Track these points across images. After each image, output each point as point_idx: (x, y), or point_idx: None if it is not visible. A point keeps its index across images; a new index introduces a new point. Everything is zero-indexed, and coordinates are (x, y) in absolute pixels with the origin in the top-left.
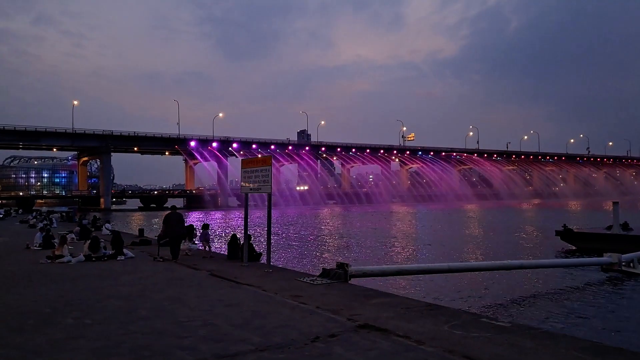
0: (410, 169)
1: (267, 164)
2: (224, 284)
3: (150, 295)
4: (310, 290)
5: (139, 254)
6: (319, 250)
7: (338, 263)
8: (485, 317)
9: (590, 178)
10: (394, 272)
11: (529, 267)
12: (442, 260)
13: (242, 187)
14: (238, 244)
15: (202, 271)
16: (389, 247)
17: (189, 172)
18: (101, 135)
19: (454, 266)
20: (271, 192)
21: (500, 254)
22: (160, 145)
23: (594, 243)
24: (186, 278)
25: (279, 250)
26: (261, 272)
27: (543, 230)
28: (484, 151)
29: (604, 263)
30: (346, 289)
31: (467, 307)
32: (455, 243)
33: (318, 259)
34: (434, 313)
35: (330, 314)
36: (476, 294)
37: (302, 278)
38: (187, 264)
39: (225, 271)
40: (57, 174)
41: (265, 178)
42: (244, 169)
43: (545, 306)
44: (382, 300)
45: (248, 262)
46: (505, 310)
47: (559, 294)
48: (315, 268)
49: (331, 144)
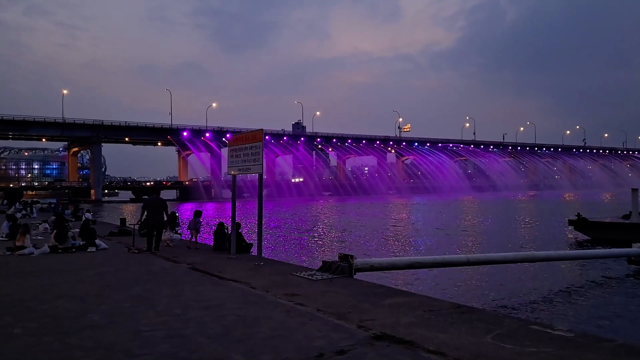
0: (406, 161)
1: (258, 140)
2: (205, 279)
3: (111, 294)
4: (309, 287)
5: (114, 245)
6: (316, 241)
7: (341, 255)
8: (536, 324)
9: (586, 169)
10: (406, 265)
11: (556, 258)
12: (452, 252)
13: (230, 167)
14: (225, 233)
15: (181, 264)
16: (392, 239)
17: (182, 163)
18: (91, 125)
19: (473, 258)
20: (262, 173)
21: (515, 246)
22: (152, 135)
23: (611, 233)
24: (161, 273)
25: (273, 242)
26: (251, 265)
27: (550, 221)
28: (481, 142)
29: (634, 254)
30: (352, 285)
31: (498, 306)
32: (462, 234)
33: (316, 251)
34: (467, 317)
35: (336, 320)
36: (501, 289)
37: (299, 272)
38: (167, 256)
39: (209, 264)
40: (47, 165)
41: (256, 157)
42: (231, 147)
43: (579, 303)
44: (397, 299)
45: (236, 253)
46: (540, 310)
47: (589, 289)
48: (314, 261)
49: (327, 135)
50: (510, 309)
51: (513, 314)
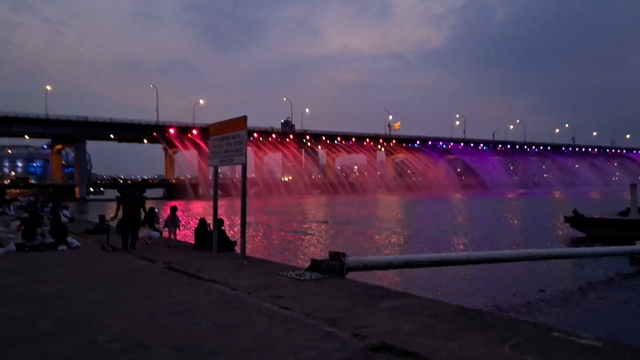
0: (396, 159)
1: (241, 128)
2: (182, 280)
3: (74, 297)
4: (296, 288)
5: (89, 243)
6: (305, 239)
7: (332, 252)
8: (558, 331)
9: (574, 168)
10: (402, 264)
11: (558, 256)
12: (449, 250)
13: (211, 158)
14: (207, 230)
15: (158, 263)
16: (385, 237)
17: (169, 161)
18: (75, 122)
19: (473, 256)
20: (246, 163)
21: (512, 244)
22: (138, 132)
23: (608, 230)
24: (133, 273)
25: (260, 240)
26: (233, 264)
27: (543, 218)
28: (470, 140)
29: (637, 252)
30: (344, 286)
31: (505, 308)
32: (456, 232)
33: (305, 250)
34: (476, 323)
35: (326, 326)
36: (504, 289)
37: (286, 272)
38: (143, 254)
39: (188, 263)
40: (31, 163)
41: (239, 146)
42: (213, 137)
43: (586, 305)
44: (395, 302)
45: (219, 252)
46: (549, 312)
47: (595, 289)
48: (302, 260)
49: (316, 133)
50: (517, 312)
51: (523, 317)
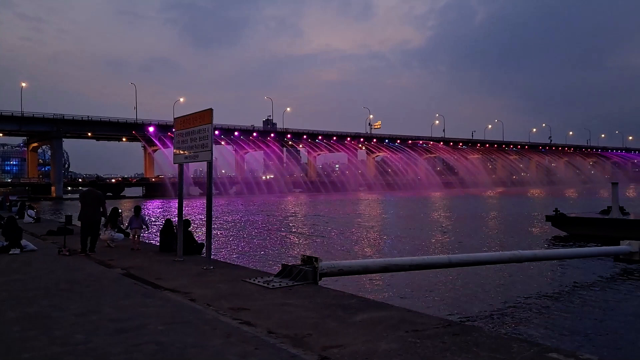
0: (377, 157)
1: (206, 121)
2: (136, 289)
3: (6, 311)
4: (263, 298)
5: (47, 246)
6: (281, 240)
7: (304, 257)
8: (555, 351)
9: (551, 166)
10: (380, 268)
11: (543, 258)
12: (430, 252)
13: (175, 155)
14: (173, 231)
15: (115, 269)
16: (363, 238)
17: (148, 160)
18: (52, 120)
19: (455, 259)
20: (212, 160)
21: (494, 244)
22: (116, 130)
23: (590, 228)
24: (84, 281)
25: (231, 242)
26: (198, 269)
27: (523, 217)
28: (450, 139)
29: (622, 252)
30: (316, 295)
31: (491, 319)
32: (437, 232)
33: (279, 252)
34: (462, 341)
35: (291, 347)
36: (488, 295)
37: (254, 279)
38: (102, 259)
39: (149, 269)
40: (7, 161)
41: (204, 141)
42: (178, 131)
43: (576, 311)
44: (372, 314)
45: (185, 255)
46: (539, 324)
47: (583, 293)
48: (274, 264)
49: (297, 131)
50: (505, 323)
51: (512, 330)
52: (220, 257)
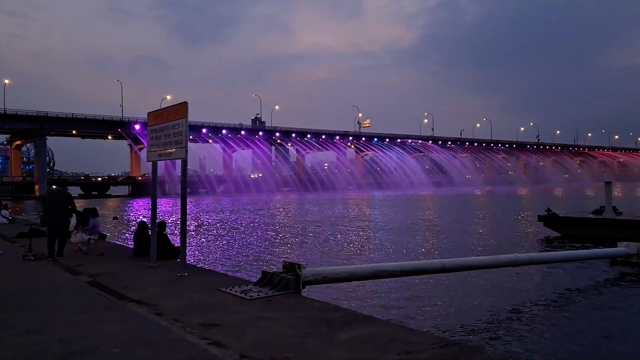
0: (366, 156)
1: (181, 116)
2: (99, 301)
3: None
4: (238, 311)
5: (14, 250)
6: (264, 243)
7: (286, 263)
8: None
9: (539, 165)
10: (368, 275)
11: (540, 261)
12: (420, 254)
13: (149, 153)
14: (148, 234)
15: (81, 276)
16: (351, 240)
17: (134, 158)
18: (35, 117)
19: (449, 264)
20: (186, 158)
21: (486, 246)
22: (102, 128)
23: (583, 229)
24: (43, 291)
25: (212, 244)
26: (172, 276)
27: (513, 216)
28: (439, 138)
29: (620, 254)
30: (298, 307)
31: (489, 333)
32: (427, 233)
33: (262, 256)
34: None
35: None
36: (485, 305)
37: (230, 288)
38: (69, 264)
39: (118, 276)
40: None
41: (178, 137)
42: (151, 127)
43: (580, 323)
44: (359, 332)
45: (158, 260)
46: (541, 337)
47: (583, 300)
48: (257, 269)
49: (286, 130)
50: (505, 340)
51: (515, 348)
52: (199, 261)
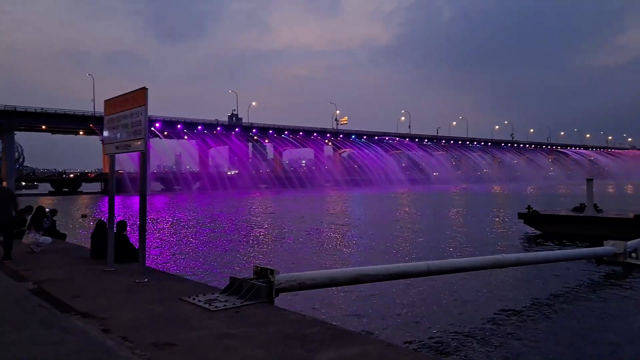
0: (344, 154)
1: (139, 103)
2: (38, 314)
3: None
4: (200, 326)
5: None
6: (236, 244)
7: (257, 268)
8: None
9: (513, 163)
10: (349, 280)
11: (526, 262)
12: (403, 256)
13: (106, 145)
14: (107, 235)
15: (26, 283)
16: (329, 241)
17: None
18: (3, 111)
19: (434, 266)
20: (146, 151)
21: (468, 246)
22: (73, 123)
23: (564, 226)
24: None
25: (180, 245)
26: (129, 282)
27: (493, 214)
28: (415, 136)
29: (607, 254)
30: (269, 320)
31: (484, 349)
32: (407, 233)
33: (233, 259)
34: None
35: None
36: (475, 312)
37: (194, 297)
38: (16, 268)
39: (69, 282)
40: None
41: (137, 127)
42: (108, 116)
43: (577, 330)
44: (340, 352)
45: (117, 264)
46: (538, 347)
47: (573, 302)
48: (226, 273)
49: (263, 126)
50: (501, 355)
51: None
52: (164, 264)
